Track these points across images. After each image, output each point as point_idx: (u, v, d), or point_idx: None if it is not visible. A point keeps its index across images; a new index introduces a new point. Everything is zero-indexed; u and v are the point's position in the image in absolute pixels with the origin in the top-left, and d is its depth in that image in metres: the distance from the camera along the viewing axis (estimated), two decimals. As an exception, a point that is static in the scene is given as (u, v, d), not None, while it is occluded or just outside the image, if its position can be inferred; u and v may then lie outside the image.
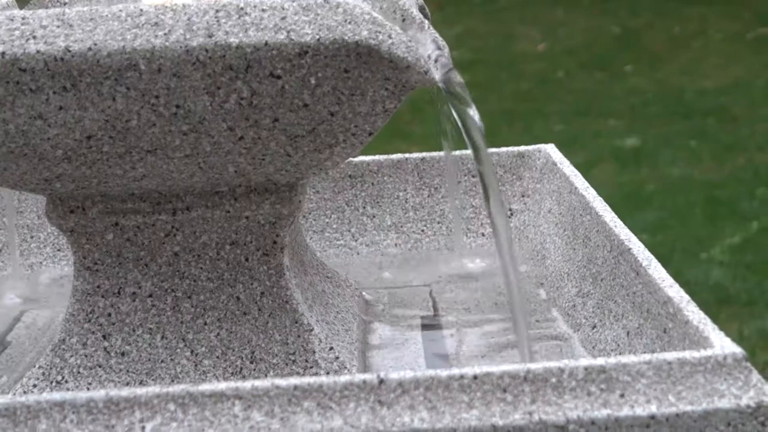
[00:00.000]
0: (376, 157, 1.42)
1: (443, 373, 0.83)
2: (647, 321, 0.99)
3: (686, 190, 3.44)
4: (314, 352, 1.05)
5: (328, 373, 1.04)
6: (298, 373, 1.04)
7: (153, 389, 0.82)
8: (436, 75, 0.94)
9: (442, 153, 1.43)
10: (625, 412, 0.81)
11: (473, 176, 1.42)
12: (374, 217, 1.42)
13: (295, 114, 0.96)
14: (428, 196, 1.42)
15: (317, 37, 0.93)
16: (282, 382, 0.82)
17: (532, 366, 0.83)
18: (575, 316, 1.15)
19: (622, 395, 0.82)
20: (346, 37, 0.93)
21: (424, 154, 1.42)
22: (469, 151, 1.42)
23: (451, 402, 0.82)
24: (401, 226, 1.41)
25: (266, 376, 1.04)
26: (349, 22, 0.93)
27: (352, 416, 0.82)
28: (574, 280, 1.20)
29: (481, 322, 1.19)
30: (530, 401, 0.82)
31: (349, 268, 1.35)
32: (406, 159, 1.42)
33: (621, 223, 1.12)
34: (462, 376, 0.82)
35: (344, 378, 0.82)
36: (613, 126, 4.11)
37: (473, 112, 0.95)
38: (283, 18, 0.94)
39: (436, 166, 1.42)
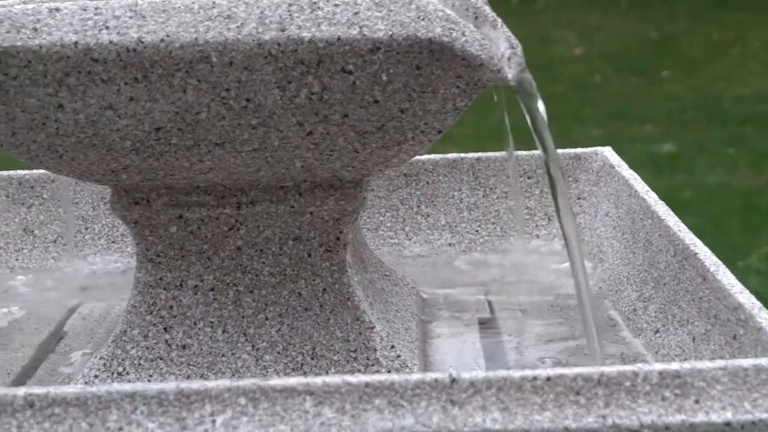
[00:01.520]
0: (432, 156, 1.41)
1: (516, 373, 0.82)
2: (715, 327, 0.98)
3: (723, 197, 3.42)
4: (375, 350, 1.04)
5: (389, 372, 1.03)
6: (359, 371, 1.03)
7: (224, 383, 0.82)
8: (509, 74, 0.94)
9: (497, 153, 1.42)
10: (700, 418, 0.80)
11: (528, 177, 1.41)
12: (428, 216, 1.41)
13: (365, 110, 0.95)
14: (483, 197, 1.41)
15: (390, 33, 0.93)
16: (353, 379, 0.82)
17: (606, 369, 0.82)
18: (636, 321, 1.14)
19: (696, 401, 0.81)
20: (419, 34, 0.93)
21: (480, 154, 1.42)
22: (525, 152, 1.42)
23: (523, 403, 0.81)
24: (455, 226, 1.41)
25: (327, 372, 1.03)
26: (423, 19, 0.93)
27: (423, 415, 0.81)
28: (635, 284, 1.19)
29: (538, 324, 1.19)
30: (604, 405, 0.81)
31: (403, 267, 1.34)
32: (462, 159, 1.42)
33: (685, 227, 1.11)
34: (535, 378, 0.82)
35: (416, 376, 0.82)
36: (649, 131, 4.10)
37: (543, 111, 0.95)
38: (356, 13, 0.93)
39: (491, 166, 1.41)
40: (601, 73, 4.71)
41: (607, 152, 1.40)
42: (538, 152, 1.42)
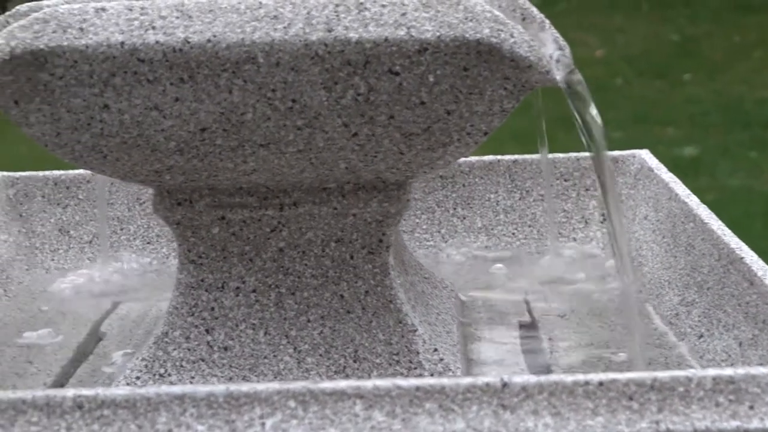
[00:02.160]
0: (468, 158, 1.41)
1: (568, 378, 0.81)
2: (763, 332, 0.97)
3: (746, 201, 3.40)
4: (418, 353, 1.03)
5: (432, 375, 1.02)
6: (401, 374, 1.03)
7: (273, 385, 0.81)
8: (558, 75, 0.93)
9: (535, 156, 1.41)
10: (755, 424, 0.80)
11: (565, 180, 1.41)
12: (464, 218, 1.40)
13: (411, 111, 0.95)
14: (520, 199, 1.40)
15: (438, 34, 0.92)
16: (404, 382, 0.81)
17: (659, 374, 0.81)
18: (679, 325, 1.13)
19: (751, 407, 0.80)
20: (467, 35, 0.92)
21: (517, 156, 1.41)
22: (562, 155, 1.41)
23: (575, 408, 0.81)
24: (492, 229, 1.40)
25: (369, 376, 1.03)
26: (470, 20, 0.92)
27: (474, 419, 0.80)
28: (676, 288, 1.18)
29: (579, 329, 1.18)
30: (657, 410, 0.80)
31: (440, 269, 1.34)
32: (498, 161, 1.41)
33: (729, 231, 1.10)
34: (587, 382, 0.81)
35: (467, 380, 0.81)
36: (671, 135, 4.08)
37: (595, 112, 0.94)
38: (404, 14, 0.93)
39: (528, 168, 1.40)
40: (622, 76, 4.70)
41: (645, 155, 1.39)
42: (575, 155, 1.41)
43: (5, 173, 1.40)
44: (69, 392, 0.81)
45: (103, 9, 0.93)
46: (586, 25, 5.39)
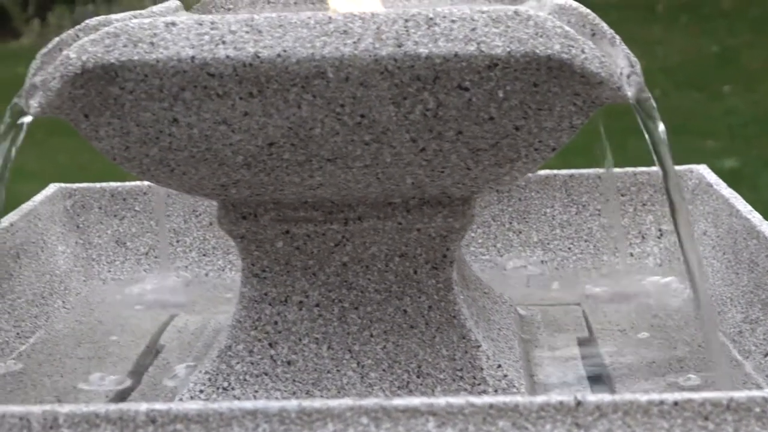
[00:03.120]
0: (524, 172, 1.40)
1: (643, 397, 0.81)
2: (833, 351, 0.96)
3: (788, 214, 3.38)
4: (482, 369, 1.03)
5: (496, 391, 1.02)
6: (465, 390, 1.02)
7: (346, 401, 0.81)
8: (629, 92, 0.93)
9: (589, 170, 1.41)
10: (833, 446, 0.79)
11: (622, 195, 1.40)
12: (520, 233, 1.40)
13: (479, 127, 0.94)
14: (576, 214, 1.40)
15: (508, 49, 0.92)
16: (477, 400, 0.81)
17: (735, 394, 0.80)
18: (743, 343, 1.12)
19: (829, 428, 0.79)
20: (538, 51, 0.92)
21: (573, 170, 1.41)
22: (619, 170, 1.41)
23: (650, 428, 0.80)
24: (548, 243, 1.39)
25: (433, 391, 1.02)
26: (541, 36, 0.92)
27: (548, 438, 0.80)
28: (739, 305, 1.17)
29: (639, 344, 1.17)
30: (733, 431, 0.80)
31: (495, 284, 1.33)
32: (555, 175, 1.40)
33: (796, 249, 1.09)
34: (662, 402, 0.80)
35: (540, 398, 0.81)
36: (711, 147, 4.06)
37: (662, 130, 0.93)
38: (473, 29, 0.92)
39: (584, 183, 1.40)
40: (661, 88, 4.68)
41: (703, 170, 1.38)
42: (632, 169, 1.41)
43: (63, 185, 1.41)
44: (142, 406, 0.81)
45: (174, 23, 0.93)
46: (626, 37, 5.37)
